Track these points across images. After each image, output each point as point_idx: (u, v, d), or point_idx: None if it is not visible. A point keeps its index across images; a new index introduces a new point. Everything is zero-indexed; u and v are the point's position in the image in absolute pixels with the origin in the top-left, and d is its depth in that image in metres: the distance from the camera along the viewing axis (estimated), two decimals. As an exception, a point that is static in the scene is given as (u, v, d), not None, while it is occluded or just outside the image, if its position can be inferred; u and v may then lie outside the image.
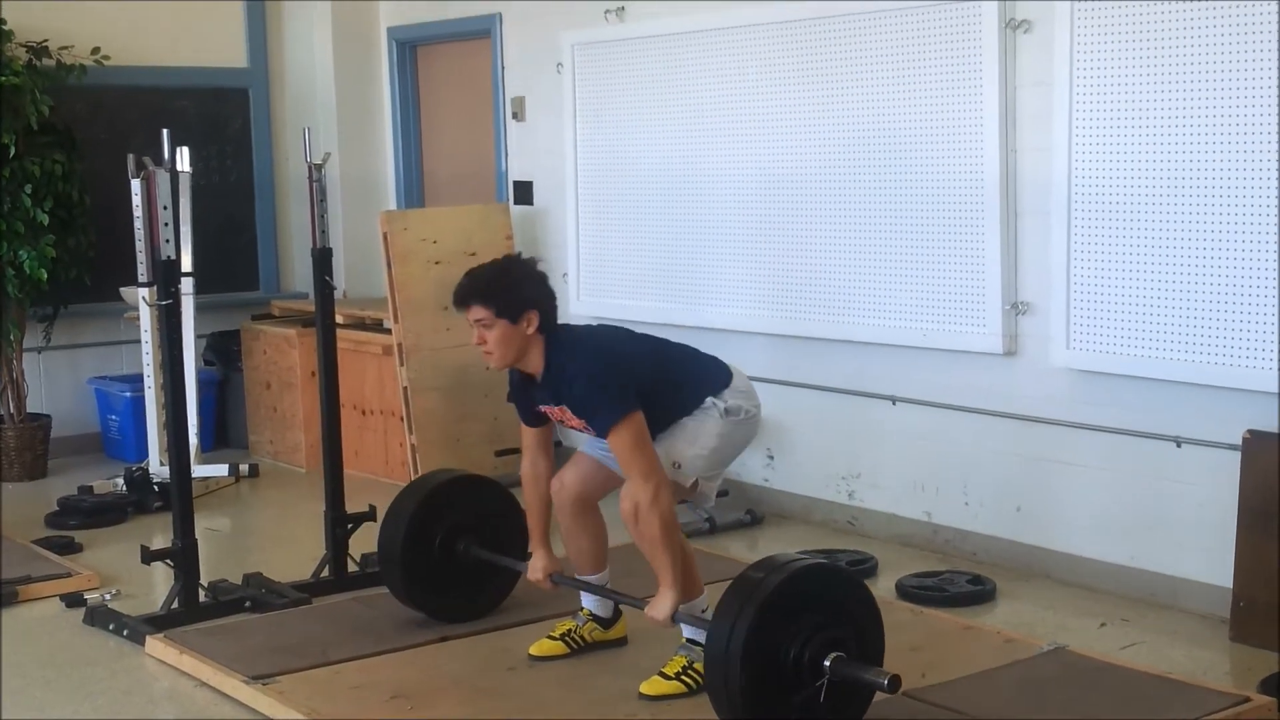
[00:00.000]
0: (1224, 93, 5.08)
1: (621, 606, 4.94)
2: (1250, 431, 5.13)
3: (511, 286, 4.51)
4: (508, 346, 4.53)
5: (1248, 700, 4.41)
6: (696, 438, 4.56)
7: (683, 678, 4.55)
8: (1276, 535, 5.03)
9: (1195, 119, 5.17)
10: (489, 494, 5.39)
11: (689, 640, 4.59)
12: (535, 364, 4.56)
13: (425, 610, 5.28)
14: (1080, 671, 4.70)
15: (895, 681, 3.97)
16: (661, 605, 4.43)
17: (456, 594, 5.28)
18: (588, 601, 4.96)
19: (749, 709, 3.96)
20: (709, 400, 4.58)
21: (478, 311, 4.51)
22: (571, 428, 4.65)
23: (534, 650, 4.94)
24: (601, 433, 4.45)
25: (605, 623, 4.97)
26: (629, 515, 4.39)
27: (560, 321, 4.66)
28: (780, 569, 4.09)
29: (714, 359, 4.81)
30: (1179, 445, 5.39)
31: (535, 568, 4.93)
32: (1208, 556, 5.32)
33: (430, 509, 5.23)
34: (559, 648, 4.93)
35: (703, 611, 4.58)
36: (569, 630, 4.96)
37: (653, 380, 4.53)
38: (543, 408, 4.67)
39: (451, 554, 5.21)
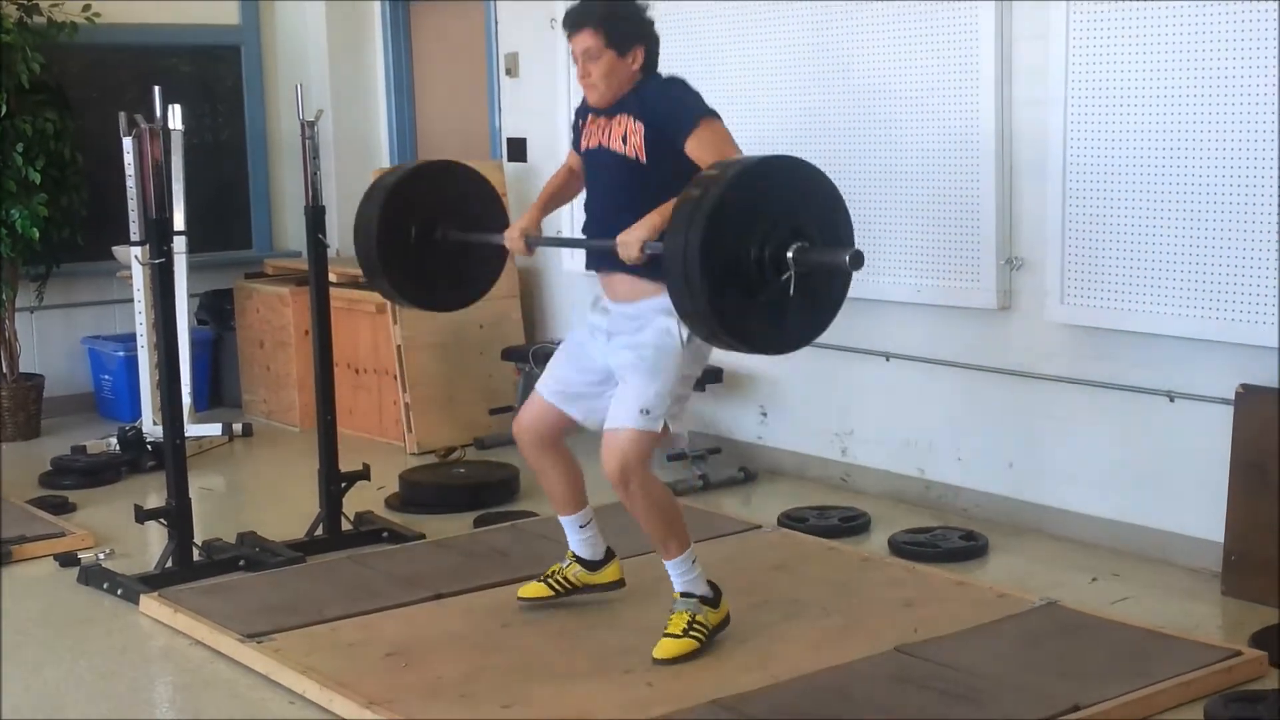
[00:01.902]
0: (1221, 47, 5.06)
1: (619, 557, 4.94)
2: (1243, 386, 5.13)
3: (627, 18, 4.45)
4: (612, 79, 4.46)
5: (1239, 654, 4.42)
6: (657, 372, 4.40)
7: (690, 634, 4.51)
8: (1268, 489, 5.04)
9: (1191, 74, 5.15)
10: (452, 177, 5.25)
11: (682, 594, 4.57)
12: (629, 85, 4.50)
13: (420, 305, 5.26)
14: (1072, 626, 4.71)
15: (857, 257, 3.91)
16: (636, 229, 4.26)
17: (446, 283, 5.17)
18: (572, 544, 4.92)
19: (719, 314, 3.92)
20: (675, 319, 4.33)
21: (586, 39, 4.43)
22: (612, 153, 4.51)
23: (522, 592, 4.96)
24: (684, 131, 4.34)
25: (590, 565, 4.94)
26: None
27: None
28: (725, 171, 3.98)
29: None
30: (1172, 400, 5.40)
31: (513, 228, 4.81)
32: (1200, 511, 5.33)
33: (396, 206, 5.03)
34: (543, 589, 4.93)
35: (693, 563, 4.57)
36: (554, 571, 4.95)
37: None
38: (593, 120, 4.57)
39: (430, 244, 5.06)
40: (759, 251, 3.92)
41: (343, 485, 5.95)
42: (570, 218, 7.57)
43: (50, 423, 8.19)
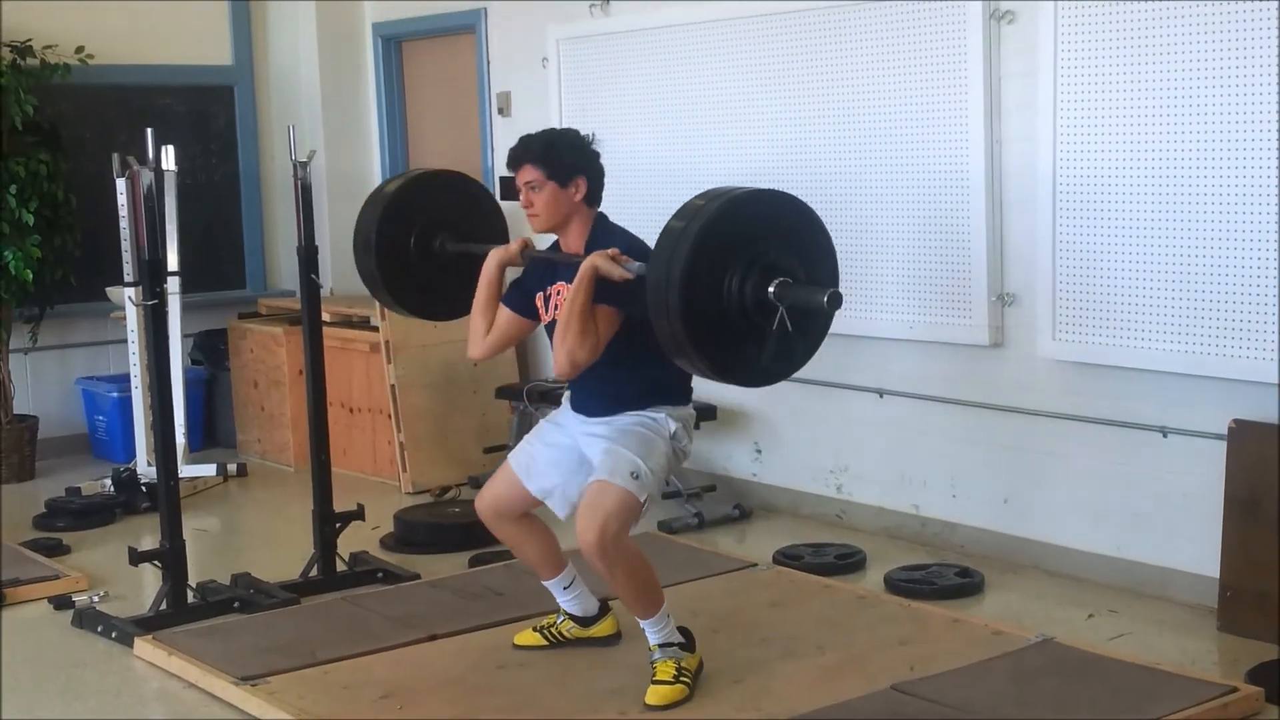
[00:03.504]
0: (1208, 82, 5.08)
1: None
2: (1236, 420, 5.13)
3: (564, 152, 4.53)
4: (554, 210, 4.54)
5: (1235, 690, 4.42)
6: (649, 452, 4.46)
7: (680, 680, 4.49)
8: (1263, 524, 5.04)
9: (1179, 108, 5.17)
10: (452, 186, 5.28)
11: (661, 645, 4.53)
12: (576, 236, 4.57)
13: (418, 314, 5.27)
14: (1068, 663, 4.71)
15: (835, 298, 3.93)
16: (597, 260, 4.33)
17: (443, 292, 5.18)
18: (563, 602, 4.93)
19: (695, 342, 3.94)
20: (663, 412, 4.52)
21: (528, 173, 4.53)
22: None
23: (518, 639, 4.97)
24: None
25: (584, 621, 4.95)
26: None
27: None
28: (711, 202, 4.01)
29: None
30: (1165, 435, 5.40)
31: (511, 243, 4.83)
32: (1195, 546, 5.33)
33: (396, 215, 5.09)
34: (538, 639, 4.95)
35: (667, 618, 4.54)
36: (549, 624, 4.96)
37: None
38: (552, 288, 4.61)
39: (429, 253, 5.10)
40: (740, 285, 3.95)
41: (337, 525, 5.94)
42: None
43: (45, 464, 8.18)
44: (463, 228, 5.19)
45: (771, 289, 3.95)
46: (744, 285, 3.95)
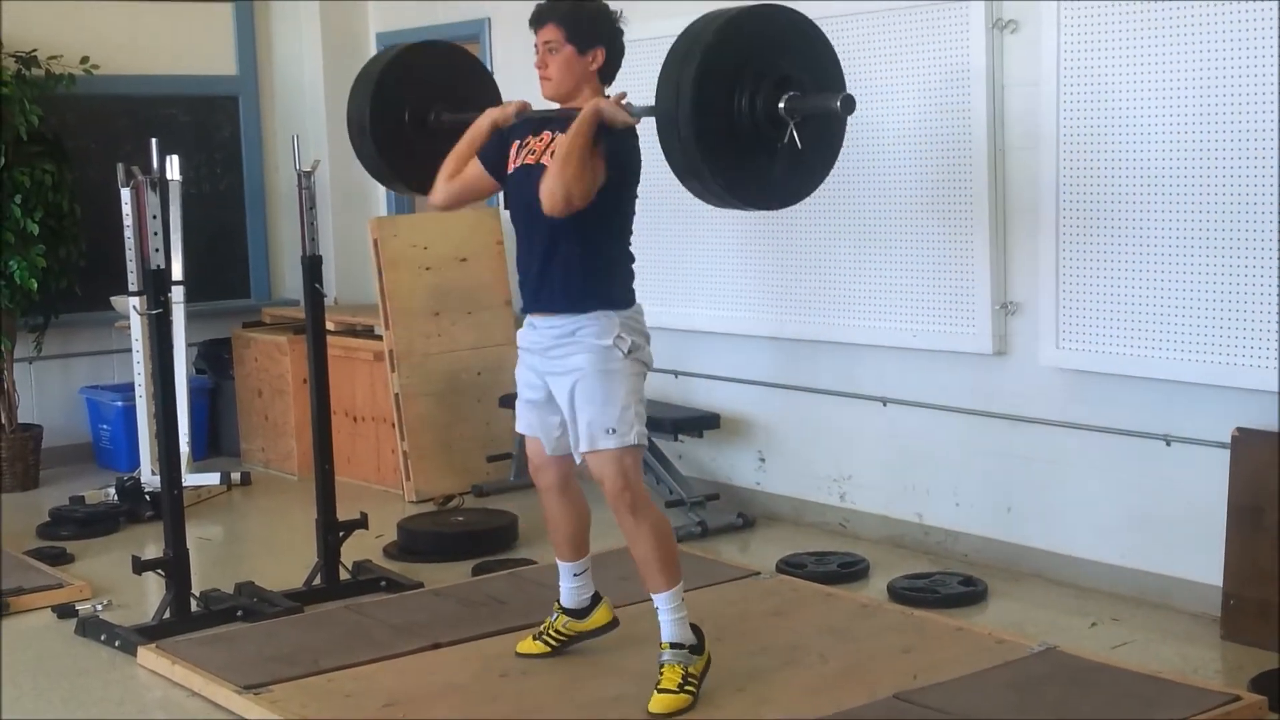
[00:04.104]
0: (1212, 91, 5.08)
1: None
2: (1239, 429, 5.13)
3: (588, 18, 4.51)
4: (567, 74, 4.52)
5: (1238, 699, 4.41)
6: (612, 396, 4.45)
7: (685, 689, 4.48)
8: (1266, 533, 5.04)
9: (1183, 117, 5.18)
10: (445, 57, 5.26)
11: (672, 645, 4.53)
12: (583, 96, 4.54)
13: (411, 186, 5.19)
14: (1071, 671, 4.70)
15: (849, 101, 3.85)
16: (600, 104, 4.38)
17: (437, 164, 5.07)
18: (563, 591, 4.93)
19: (713, 171, 3.92)
20: (608, 337, 4.46)
21: (549, 32, 4.50)
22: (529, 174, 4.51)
23: (520, 647, 4.97)
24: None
25: (577, 614, 4.94)
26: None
27: None
28: (709, 25, 3.97)
29: (632, 271, 4.73)
30: (1168, 444, 5.40)
31: (509, 103, 4.80)
32: (1198, 555, 5.32)
33: (390, 85, 5.08)
34: (539, 646, 4.94)
35: (681, 601, 4.54)
36: (546, 627, 4.96)
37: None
38: (536, 138, 4.59)
39: (423, 125, 5.07)
40: (750, 100, 3.88)
41: (340, 534, 5.94)
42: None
43: (48, 473, 8.18)
44: (457, 97, 5.11)
45: (782, 103, 3.87)
46: (754, 100, 3.87)
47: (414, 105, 5.08)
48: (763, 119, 3.86)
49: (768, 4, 4.16)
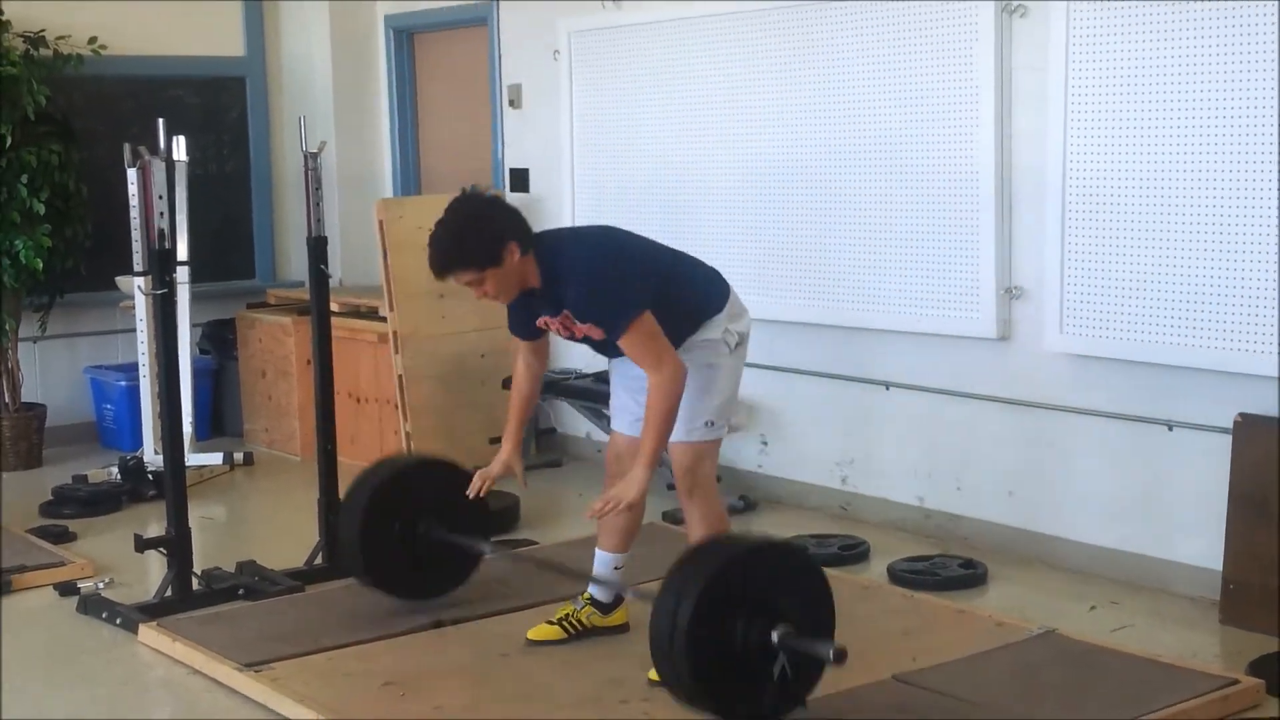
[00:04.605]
0: (1218, 77, 5.08)
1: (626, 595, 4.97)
2: (1242, 415, 5.13)
3: (478, 237, 4.42)
4: (506, 285, 4.51)
5: (1236, 682, 4.42)
6: (715, 387, 4.62)
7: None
8: (1267, 518, 5.04)
9: (1189, 103, 5.17)
10: (448, 475, 5.34)
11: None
12: (533, 280, 4.54)
13: (387, 591, 5.25)
14: (1071, 654, 4.71)
15: (841, 654, 3.94)
16: (629, 486, 4.44)
17: (419, 574, 5.25)
18: (604, 577, 4.94)
19: (700, 690, 3.97)
20: (716, 331, 4.61)
21: (463, 277, 4.48)
22: (575, 337, 4.63)
23: (532, 634, 4.95)
24: (613, 338, 4.45)
25: (604, 608, 4.96)
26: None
27: (543, 230, 4.69)
28: (719, 552, 4.09)
29: (711, 269, 4.82)
30: (1171, 429, 5.40)
31: (488, 469, 4.93)
32: (1198, 540, 5.33)
33: (388, 493, 5.18)
34: (556, 632, 4.93)
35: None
36: (567, 614, 4.95)
37: (654, 280, 4.53)
38: (544, 319, 4.65)
39: (411, 536, 5.16)
40: (745, 630, 3.96)
41: (342, 514, 5.95)
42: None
43: (52, 452, 8.20)
44: (448, 514, 5.22)
45: (775, 637, 3.96)
46: (749, 630, 3.96)
47: (405, 520, 5.19)
48: (754, 651, 3.98)
49: (776, 543, 4.36)
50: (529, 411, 5.01)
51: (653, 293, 4.47)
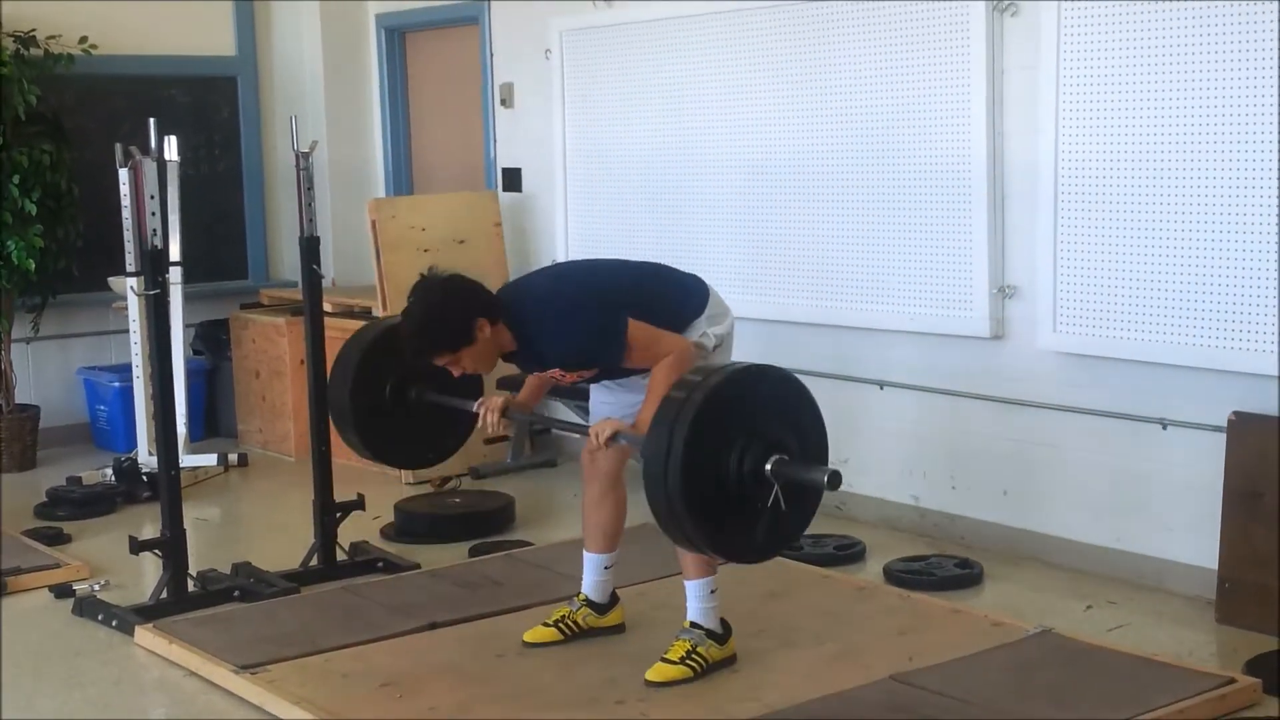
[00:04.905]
0: (1210, 76, 5.08)
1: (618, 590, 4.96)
2: (1236, 413, 5.14)
3: (445, 322, 4.46)
4: (485, 358, 4.54)
5: (1233, 681, 4.43)
6: None
7: (687, 662, 4.55)
8: (1262, 516, 5.04)
9: (1181, 101, 5.18)
10: None
11: (692, 624, 4.60)
12: (509, 346, 4.58)
13: (384, 460, 5.22)
14: (1067, 654, 4.71)
15: (835, 477, 3.92)
16: (607, 425, 4.44)
17: (414, 441, 5.21)
18: (588, 584, 4.95)
19: (695, 523, 3.94)
20: (694, 334, 4.60)
21: (440, 360, 4.51)
22: (572, 383, 4.69)
23: (528, 637, 4.94)
24: (619, 363, 4.47)
25: (600, 608, 4.96)
26: None
27: (505, 283, 4.76)
28: (706, 380, 4.02)
29: (686, 276, 4.82)
30: (1165, 427, 5.41)
31: (495, 398, 4.85)
32: (1194, 538, 5.33)
33: (376, 357, 5.12)
34: (553, 634, 4.93)
35: (711, 593, 4.60)
36: (563, 616, 4.95)
37: (623, 302, 4.55)
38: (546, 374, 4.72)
39: (403, 401, 5.11)
40: (738, 462, 3.94)
41: (337, 515, 5.95)
42: (564, 252, 7.62)
43: (46, 453, 8.18)
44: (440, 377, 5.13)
45: (769, 465, 3.94)
46: (742, 459, 3.94)
47: (395, 382, 5.12)
48: (749, 480, 3.94)
49: (763, 366, 4.26)
50: (542, 392, 4.96)
51: (625, 310, 4.49)
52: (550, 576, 5.34)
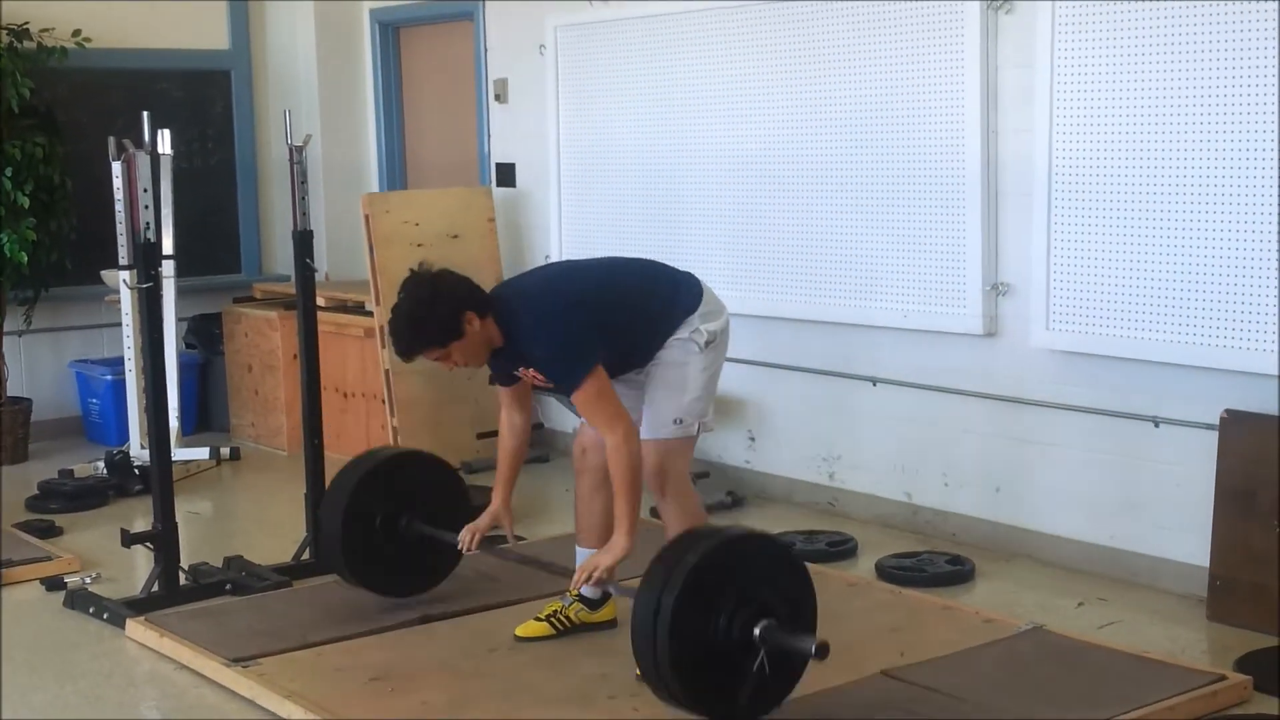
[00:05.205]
0: (1204, 74, 5.09)
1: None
2: (1228, 411, 5.14)
3: (434, 316, 4.50)
4: (474, 352, 4.60)
5: (1224, 679, 4.44)
6: (685, 385, 4.66)
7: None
8: (1254, 514, 5.05)
9: (1175, 99, 5.18)
10: (431, 469, 5.35)
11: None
12: (498, 340, 4.63)
13: (368, 586, 5.24)
14: (1058, 651, 4.72)
15: (823, 648, 3.94)
16: (605, 555, 4.53)
17: (400, 570, 5.24)
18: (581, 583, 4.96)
19: (681, 684, 3.96)
20: (685, 331, 4.66)
21: (430, 354, 4.57)
22: (541, 387, 4.77)
23: (520, 632, 4.95)
24: (569, 394, 4.56)
25: (592, 604, 4.96)
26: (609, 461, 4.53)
27: (496, 287, 4.79)
28: (702, 542, 4.06)
29: (680, 273, 4.87)
30: (1157, 425, 5.41)
31: (474, 524, 4.97)
32: (1185, 536, 5.34)
33: (371, 486, 5.18)
34: (544, 629, 4.93)
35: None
36: (555, 611, 4.96)
37: (618, 314, 4.62)
38: (520, 369, 4.73)
39: (393, 531, 5.17)
40: (727, 623, 3.95)
41: (330, 509, 5.94)
42: (558, 248, 7.61)
43: (38, 446, 8.17)
44: (430, 509, 5.24)
45: (757, 630, 3.95)
46: (731, 623, 3.95)
47: (387, 511, 5.19)
48: (737, 644, 3.97)
49: (758, 534, 4.32)
50: (517, 467, 5.02)
51: (610, 331, 4.55)
52: (542, 570, 5.33)
